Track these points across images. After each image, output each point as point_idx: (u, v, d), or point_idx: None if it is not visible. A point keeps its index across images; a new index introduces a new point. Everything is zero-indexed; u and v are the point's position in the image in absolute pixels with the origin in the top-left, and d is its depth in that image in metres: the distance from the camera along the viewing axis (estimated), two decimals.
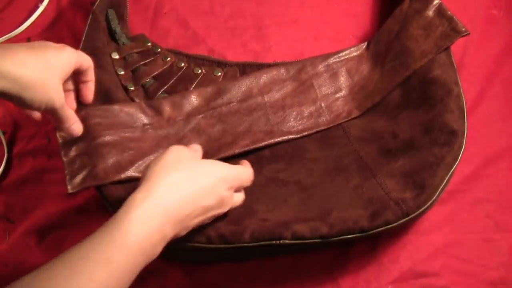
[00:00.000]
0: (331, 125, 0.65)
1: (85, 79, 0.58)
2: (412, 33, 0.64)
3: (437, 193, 0.55)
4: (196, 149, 0.54)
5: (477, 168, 0.65)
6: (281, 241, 0.53)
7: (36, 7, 0.76)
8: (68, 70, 0.53)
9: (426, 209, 0.55)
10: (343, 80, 0.67)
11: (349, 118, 0.66)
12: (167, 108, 0.63)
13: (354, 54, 0.69)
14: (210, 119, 0.64)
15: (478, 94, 0.68)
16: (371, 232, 0.54)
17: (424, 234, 0.63)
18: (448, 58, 0.62)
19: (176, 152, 0.50)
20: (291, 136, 0.65)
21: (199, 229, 0.52)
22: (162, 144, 0.61)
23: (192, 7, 0.75)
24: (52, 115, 0.54)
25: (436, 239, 0.63)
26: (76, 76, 0.58)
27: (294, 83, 0.67)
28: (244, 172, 0.54)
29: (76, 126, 0.56)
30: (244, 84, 0.66)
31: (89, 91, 0.59)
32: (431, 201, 0.55)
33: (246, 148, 0.63)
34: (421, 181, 0.55)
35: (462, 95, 0.60)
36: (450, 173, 0.56)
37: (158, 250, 0.46)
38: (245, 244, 0.54)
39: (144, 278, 0.56)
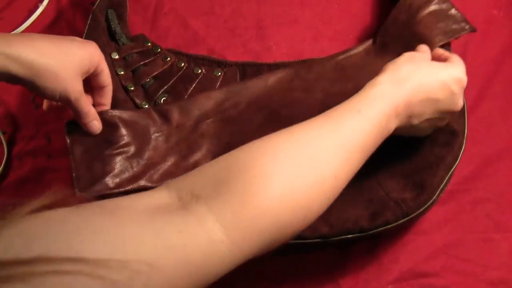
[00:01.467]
0: None
1: (102, 84, 0.58)
2: (422, 19, 0.62)
3: (437, 193, 0.55)
4: (425, 49, 0.57)
5: (477, 168, 0.65)
6: None
7: (36, 7, 0.76)
8: (89, 64, 0.53)
9: (426, 209, 0.55)
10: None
11: None
12: (175, 115, 0.62)
13: (361, 49, 0.68)
14: (219, 123, 0.63)
15: (478, 94, 0.68)
16: (371, 232, 0.54)
17: (424, 234, 0.63)
18: None
19: (410, 55, 0.54)
20: None
21: None
22: (172, 153, 0.60)
23: (192, 7, 0.75)
24: (69, 107, 0.53)
25: (436, 239, 0.63)
26: (93, 80, 0.57)
27: (302, 83, 0.66)
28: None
29: (94, 124, 0.56)
30: (252, 86, 0.65)
31: (106, 97, 0.59)
32: (431, 201, 0.55)
33: None
34: (421, 181, 0.55)
35: None
36: (450, 173, 0.56)
37: (389, 129, 0.49)
38: None
39: None
